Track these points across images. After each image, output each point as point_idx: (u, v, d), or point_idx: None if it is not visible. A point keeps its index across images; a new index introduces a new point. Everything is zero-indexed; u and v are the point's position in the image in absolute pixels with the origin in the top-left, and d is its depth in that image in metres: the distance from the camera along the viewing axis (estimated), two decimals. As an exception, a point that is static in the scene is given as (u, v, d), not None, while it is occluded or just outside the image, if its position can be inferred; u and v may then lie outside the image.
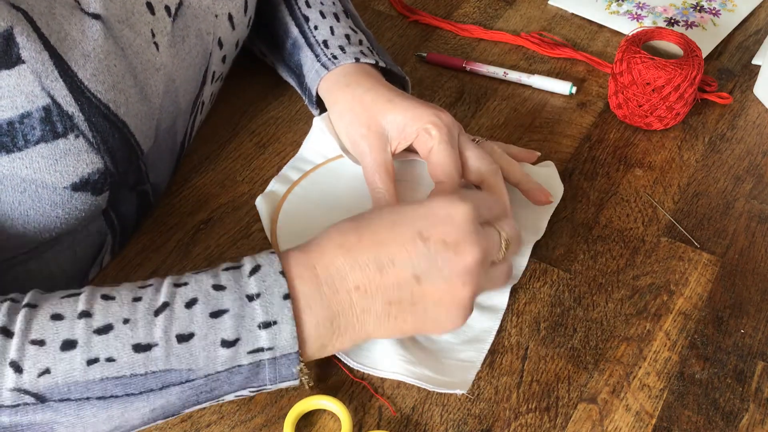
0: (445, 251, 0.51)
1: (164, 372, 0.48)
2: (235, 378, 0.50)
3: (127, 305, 0.49)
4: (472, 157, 0.65)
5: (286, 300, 0.49)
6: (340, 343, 0.53)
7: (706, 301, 0.64)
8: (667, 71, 0.72)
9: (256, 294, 0.50)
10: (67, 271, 0.62)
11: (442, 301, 0.52)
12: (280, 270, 0.50)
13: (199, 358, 0.48)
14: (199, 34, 0.65)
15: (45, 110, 0.51)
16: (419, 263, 0.51)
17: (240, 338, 0.49)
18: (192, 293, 0.50)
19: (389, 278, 0.51)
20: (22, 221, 0.54)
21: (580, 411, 0.57)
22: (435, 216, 0.52)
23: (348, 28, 0.74)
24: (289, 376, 0.51)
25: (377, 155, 0.65)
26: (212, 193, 0.72)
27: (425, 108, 0.65)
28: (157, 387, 0.48)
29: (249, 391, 0.51)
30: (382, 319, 0.52)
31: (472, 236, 0.51)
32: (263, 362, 0.50)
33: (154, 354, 0.48)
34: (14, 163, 0.51)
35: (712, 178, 0.73)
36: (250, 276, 0.50)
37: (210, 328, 0.49)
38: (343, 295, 0.51)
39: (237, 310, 0.49)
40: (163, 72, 0.61)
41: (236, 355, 0.49)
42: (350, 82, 0.68)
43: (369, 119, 0.66)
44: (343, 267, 0.51)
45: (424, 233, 0.51)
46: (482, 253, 0.52)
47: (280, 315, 0.49)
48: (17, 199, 0.53)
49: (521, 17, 0.92)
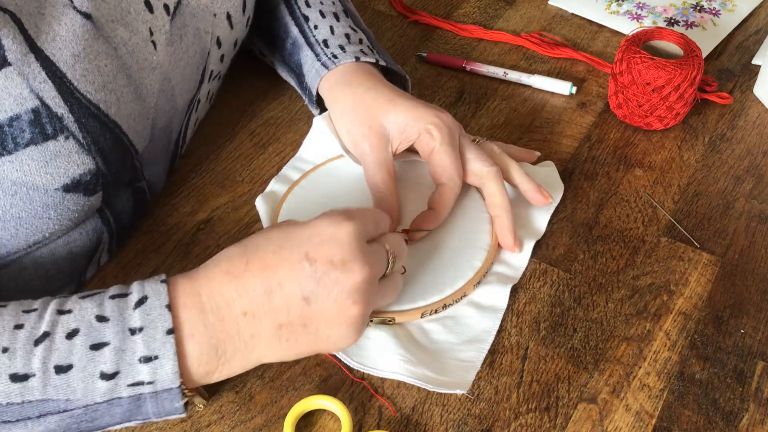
0: (333, 271, 0.51)
1: (41, 402, 0.48)
2: (116, 410, 0.49)
3: (8, 332, 0.49)
4: (473, 158, 0.65)
5: (169, 335, 0.49)
6: (228, 369, 0.52)
7: (706, 301, 0.64)
8: (667, 71, 0.72)
9: (139, 328, 0.49)
10: (63, 269, 0.62)
11: (333, 320, 0.51)
12: (167, 303, 0.50)
13: (77, 389, 0.48)
14: (197, 33, 0.65)
15: (34, 112, 0.51)
16: (307, 285, 0.50)
17: (119, 371, 0.48)
18: (74, 323, 0.49)
19: (278, 302, 0.51)
20: (14, 223, 0.54)
21: (580, 411, 0.57)
22: (321, 237, 0.51)
23: (348, 27, 0.74)
24: (172, 410, 0.50)
25: (378, 155, 0.65)
26: (212, 193, 0.72)
27: (426, 108, 0.65)
28: (35, 415, 0.48)
29: (134, 422, 0.51)
30: (273, 342, 0.52)
31: (358, 255, 0.51)
32: (144, 396, 0.49)
33: (31, 384, 0.48)
34: (4, 166, 0.51)
35: (712, 178, 0.73)
36: (136, 308, 0.50)
37: (89, 360, 0.48)
38: (229, 322, 0.51)
39: (118, 344, 0.49)
40: (159, 71, 0.61)
41: (115, 387, 0.49)
42: (351, 82, 0.68)
43: (370, 119, 0.66)
44: (229, 293, 0.51)
45: (311, 254, 0.51)
46: (370, 270, 0.52)
47: (162, 350, 0.49)
48: (8, 202, 0.53)
49: (521, 17, 0.92)
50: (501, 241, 0.65)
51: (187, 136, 0.72)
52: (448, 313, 0.62)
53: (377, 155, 0.65)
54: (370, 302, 0.53)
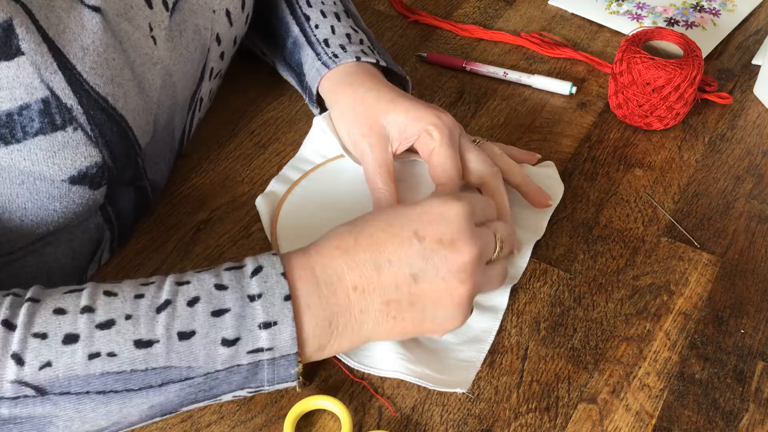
0: (442, 249, 0.51)
1: (164, 369, 0.48)
2: (234, 377, 0.50)
3: (130, 301, 0.49)
4: (473, 159, 0.65)
5: (287, 301, 0.50)
6: (338, 345, 0.53)
7: (706, 301, 0.64)
8: (667, 71, 0.72)
9: (258, 294, 0.50)
10: (64, 267, 0.62)
11: (440, 299, 0.52)
12: (282, 272, 0.51)
13: (199, 356, 0.49)
14: (197, 30, 0.65)
15: (44, 102, 0.51)
16: (416, 262, 0.51)
17: (240, 338, 0.49)
18: (194, 292, 0.50)
19: (386, 278, 0.51)
20: (19, 214, 0.54)
21: (580, 411, 0.57)
22: (430, 215, 0.52)
23: (349, 27, 0.74)
24: (287, 378, 0.51)
25: (378, 155, 0.65)
26: (212, 193, 0.72)
27: (426, 109, 0.65)
28: (157, 384, 0.48)
29: (247, 391, 0.51)
30: (381, 319, 0.52)
31: (467, 234, 0.52)
32: (262, 362, 0.50)
33: (155, 350, 0.48)
34: (12, 154, 0.51)
35: (712, 178, 0.73)
36: (252, 276, 0.51)
37: (211, 326, 0.49)
38: (341, 295, 0.52)
39: (238, 310, 0.49)
40: (161, 66, 0.61)
41: (236, 354, 0.49)
42: (352, 82, 0.68)
43: (370, 119, 0.66)
44: (341, 267, 0.52)
45: (420, 232, 0.52)
46: (478, 250, 0.52)
47: (280, 316, 0.49)
48: (15, 192, 0.53)
49: (521, 17, 0.92)
50: None
51: (190, 135, 0.72)
52: (448, 313, 0.62)
53: (377, 155, 0.65)
54: (477, 284, 0.53)
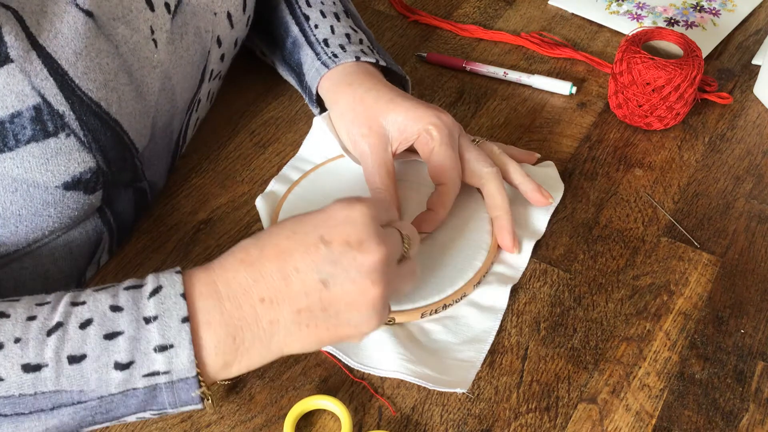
0: (350, 251, 0.50)
1: (54, 393, 0.47)
2: (131, 401, 0.49)
3: (21, 323, 0.48)
4: (472, 158, 0.65)
5: (184, 323, 0.48)
6: (248, 360, 0.51)
7: (706, 301, 0.64)
8: (667, 71, 0.72)
9: (154, 317, 0.48)
10: (63, 269, 0.62)
11: (353, 302, 0.50)
12: (181, 292, 0.49)
13: (90, 379, 0.47)
14: (198, 32, 0.65)
15: (35, 109, 0.51)
16: (324, 267, 0.49)
17: (134, 361, 0.48)
18: (87, 314, 0.48)
19: (295, 286, 0.50)
20: (14, 221, 0.54)
21: (580, 411, 0.57)
22: (335, 219, 0.51)
23: (348, 27, 0.74)
24: (189, 401, 0.49)
25: (378, 155, 0.65)
26: (212, 193, 0.72)
27: (426, 109, 0.65)
28: (48, 407, 0.47)
29: (150, 413, 0.50)
30: (293, 328, 0.50)
31: (374, 234, 0.50)
32: (159, 386, 0.48)
33: (44, 374, 0.47)
34: (5, 162, 0.51)
35: (712, 178, 0.73)
36: (150, 297, 0.49)
37: (103, 350, 0.47)
38: (247, 309, 0.50)
39: (132, 333, 0.48)
40: (160, 69, 0.61)
41: (130, 377, 0.48)
42: (352, 82, 0.68)
43: (370, 119, 0.66)
44: (246, 280, 0.50)
45: (326, 237, 0.50)
46: (386, 249, 0.51)
47: (177, 338, 0.48)
48: (9, 199, 0.53)
49: (521, 17, 0.92)
50: (500, 242, 0.65)
51: (188, 135, 0.72)
52: (448, 313, 0.62)
53: (377, 155, 0.65)
54: (390, 283, 0.52)
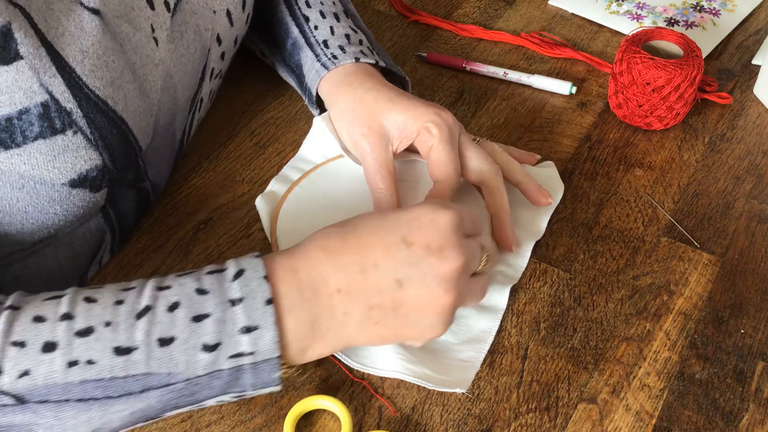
0: (429, 256, 0.51)
1: (144, 375, 0.48)
2: (216, 383, 0.49)
3: (110, 308, 0.48)
4: (473, 156, 0.65)
5: (268, 305, 0.49)
6: (321, 348, 0.52)
7: (706, 301, 0.64)
8: (667, 71, 0.72)
9: (239, 299, 0.49)
10: (65, 268, 0.62)
11: (423, 307, 0.51)
12: (264, 275, 0.50)
13: (179, 362, 0.48)
14: (198, 30, 0.65)
15: (43, 106, 0.51)
16: (402, 268, 0.51)
17: (221, 343, 0.48)
18: (175, 297, 0.49)
19: (371, 282, 0.51)
20: (20, 217, 0.54)
21: (580, 411, 0.57)
22: (419, 221, 0.52)
23: (348, 28, 0.74)
24: (270, 382, 0.50)
25: (378, 155, 0.65)
26: (212, 193, 0.72)
27: (426, 107, 0.65)
28: (137, 390, 0.48)
29: (230, 396, 0.51)
30: (363, 323, 0.52)
31: (455, 243, 0.51)
32: (244, 367, 0.49)
33: (135, 357, 0.47)
34: (12, 159, 0.51)
35: (712, 178, 0.73)
36: (234, 280, 0.50)
37: (191, 332, 0.48)
38: (324, 297, 0.51)
39: (219, 315, 0.49)
40: (162, 67, 0.61)
41: (217, 359, 0.48)
42: (352, 82, 0.68)
43: (370, 119, 0.66)
44: (325, 269, 0.51)
45: (408, 238, 0.51)
46: (464, 260, 0.51)
47: (262, 320, 0.49)
48: (15, 196, 0.53)
49: (521, 17, 0.92)
50: (498, 240, 0.65)
51: (190, 135, 0.72)
52: (448, 313, 0.62)
53: (377, 155, 0.65)
54: (462, 294, 0.52)
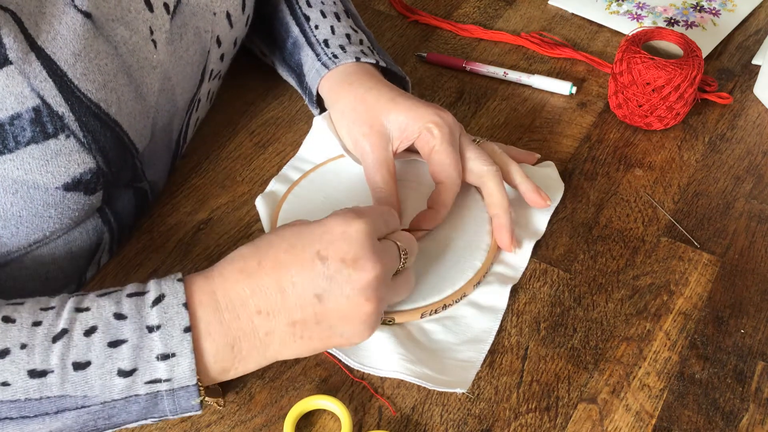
0: (345, 269, 0.51)
1: (59, 398, 0.48)
2: (133, 407, 0.50)
3: (27, 329, 0.49)
4: (472, 157, 0.65)
5: (186, 333, 0.49)
6: (244, 366, 0.53)
7: (706, 301, 0.64)
8: (667, 71, 0.72)
9: (157, 326, 0.49)
10: (64, 269, 0.62)
11: (346, 317, 0.52)
12: (183, 302, 0.50)
13: (94, 385, 0.48)
14: (197, 32, 0.65)
15: (35, 111, 0.51)
16: (319, 283, 0.51)
17: (137, 368, 0.49)
18: (92, 321, 0.49)
19: (291, 300, 0.51)
20: (14, 222, 0.54)
21: (580, 411, 0.57)
22: (332, 234, 0.52)
23: (349, 27, 0.74)
24: (189, 408, 0.51)
25: (379, 154, 0.65)
26: (212, 193, 0.72)
27: (427, 108, 0.65)
28: (53, 411, 0.48)
29: (151, 420, 0.51)
30: (287, 339, 0.52)
31: (369, 252, 0.51)
32: (161, 393, 0.49)
33: (49, 380, 0.48)
34: (5, 164, 0.51)
35: (712, 178, 0.73)
36: (153, 306, 0.50)
37: (107, 357, 0.48)
38: (244, 320, 0.51)
39: (136, 341, 0.49)
40: (160, 70, 0.61)
41: (133, 384, 0.49)
42: (353, 81, 0.68)
43: (371, 118, 0.66)
44: (243, 291, 0.51)
45: (322, 252, 0.51)
46: (382, 267, 0.52)
47: (179, 348, 0.49)
48: (9, 200, 0.53)
49: (521, 17, 0.92)
50: (498, 241, 0.65)
51: (188, 135, 0.72)
52: (447, 314, 0.62)
53: (378, 155, 0.65)
54: (383, 299, 0.53)
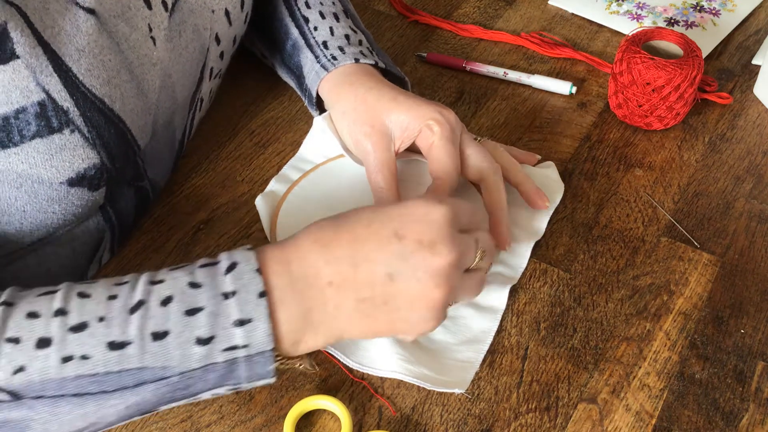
0: (420, 251, 0.50)
1: (138, 370, 0.48)
2: (210, 375, 0.49)
3: (103, 303, 0.49)
4: (473, 155, 0.65)
5: (261, 298, 0.49)
6: (314, 340, 0.52)
7: (706, 301, 0.64)
8: (667, 71, 0.72)
9: (232, 292, 0.49)
10: (65, 267, 0.62)
11: (414, 301, 0.51)
12: (257, 267, 0.50)
13: (173, 355, 0.48)
14: (196, 30, 0.65)
15: (40, 105, 0.51)
16: (393, 262, 0.50)
17: (215, 336, 0.49)
18: (167, 291, 0.49)
19: (362, 275, 0.51)
20: (18, 216, 0.54)
21: (580, 411, 0.57)
22: (413, 216, 0.51)
23: (348, 28, 0.74)
24: (264, 375, 0.50)
25: (380, 154, 0.65)
26: (212, 193, 0.72)
27: (429, 105, 0.65)
28: (132, 384, 0.48)
29: (225, 389, 0.51)
30: (354, 316, 0.51)
31: (447, 238, 0.51)
32: (238, 360, 0.49)
33: (129, 352, 0.48)
34: (10, 158, 0.52)
35: (712, 178, 0.73)
36: (226, 274, 0.50)
37: (185, 325, 0.48)
38: (316, 290, 0.51)
39: (212, 308, 0.49)
40: (160, 67, 0.61)
41: (211, 352, 0.49)
42: (353, 82, 0.68)
43: (372, 118, 0.66)
44: (317, 262, 0.51)
45: (400, 232, 0.51)
46: (457, 255, 0.51)
47: (255, 313, 0.49)
48: (13, 195, 0.53)
49: (521, 17, 0.92)
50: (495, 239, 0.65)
51: (191, 135, 0.72)
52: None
53: (379, 154, 0.65)
54: (453, 290, 0.52)
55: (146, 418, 0.57)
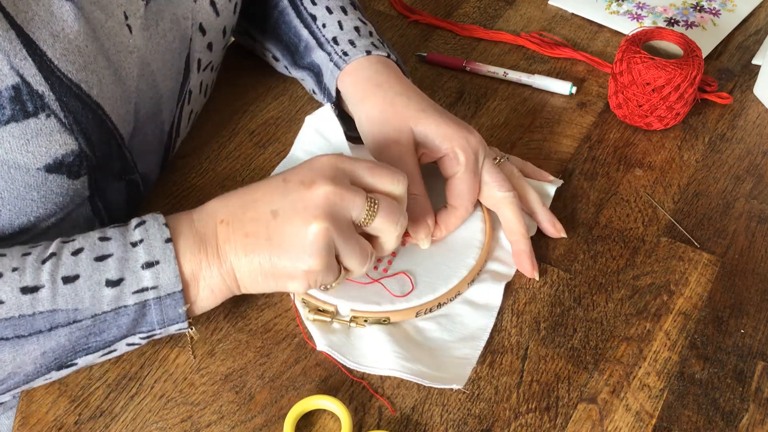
0: (301, 188, 0.54)
1: (51, 312, 0.51)
2: (122, 319, 0.53)
3: (17, 258, 0.53)
4: (490, 182, 0.65)
5: (168, 243, 0.54)
6: (210, 277, 0.55)
7: (706, 301, 0.64)
8: (667, 71, 0.72)
9: (140, 240, 0.54)
10: None
11: (295, 234, 0.54)
12: (164, 222, 0.55)
13: (84, 297, 0.52)
14: (175, 19, 0.65)
15: (14, 89, 0.52)
16: (277, 200, 0.55)
17: (124, 278, 0.53)
18: (78, 244, 0.54)
19: (249, 213, 0.55)
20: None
21: (580, 411, 0.57)
22: (302, 166, 0.56)
23: (357, 20, 0.73)
24: (176, 318, 0.54)
25: (408, 160, 0.64)
26: (212, 193, 0.72)
27: (457, 127, 0.64)
28: (46, 328, 0.51)
29: (140, 337, 0.54)
30: (240, 251, 0.55)
31: (327, 176, 0.54)
32: (149, 302, 0.53)
33: (41, 295, 0.51)
34: None
35: (712, 178, 0.73)
36: (135, 228, 0.55)
37: (95, 269, 0.52)
38: (210, 227, 0.56)
39: (121, 254, 0.53)
40: (137, 55, 0.61)
41: (121, 294, 0.52)
42: (381, 83, 0.67)
43: (401, 124, 0.65)
44: (214, 207, 0.57)
45: (287, 176, 0.56)
46: (334, 189, 0.54)
47: (162, 256, 0.53)
48: None
49: (521, 17, 0.92)
50: (519, 267, 0.65)
51: (181, 128, 0.72)
52: (442, 312, 0.62)
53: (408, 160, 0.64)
54: (333, 230, 0.54)
55: (146, 418, 0.57)
